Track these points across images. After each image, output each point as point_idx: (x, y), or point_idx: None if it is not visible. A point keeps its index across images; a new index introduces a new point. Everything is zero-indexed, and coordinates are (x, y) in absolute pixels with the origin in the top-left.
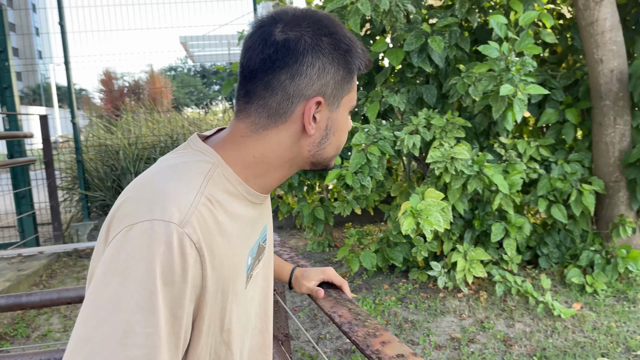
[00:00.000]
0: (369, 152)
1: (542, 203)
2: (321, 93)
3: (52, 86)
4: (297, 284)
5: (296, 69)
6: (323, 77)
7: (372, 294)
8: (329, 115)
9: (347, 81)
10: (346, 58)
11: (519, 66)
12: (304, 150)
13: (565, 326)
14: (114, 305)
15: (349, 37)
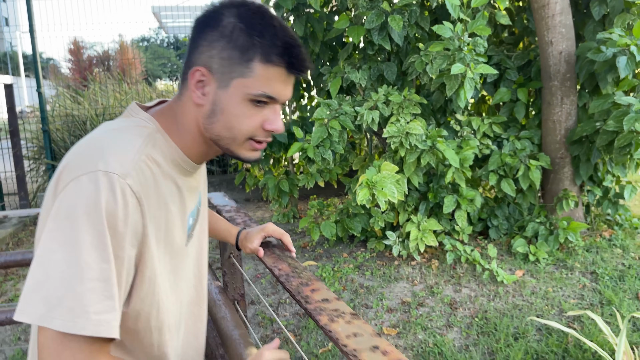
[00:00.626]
0: (330, 127)
1: (493, 177)
2: (206, 65)
3: (19, 55)
4: (242, 245)
5: (202, 41)
6: (209, 50)
7: (332, 262)
8: (216, 92)
9: (239, 63)
10: (248, 43)
11: (470, 46)
12: (199, 121)
13: (506, 291)
14: (69, 246)
15: (264, 24)
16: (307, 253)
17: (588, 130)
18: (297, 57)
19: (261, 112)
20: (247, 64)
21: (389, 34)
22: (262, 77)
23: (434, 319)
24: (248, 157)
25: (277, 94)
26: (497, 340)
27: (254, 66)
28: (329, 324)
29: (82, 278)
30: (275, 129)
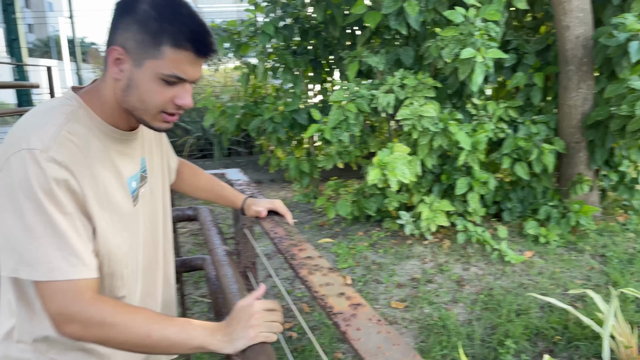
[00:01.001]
0: (347, 109)
1: (507, 160)
2: (123, 45)
3: (62, 39)
4: (248, 209)
5: (120, 24)
6: (125, 32)
7: (347, 240)
8: (132, 69)
9: (150, 46)
10: (159, 28)
11: (482, 31)
12: (117, 93)
13: (514, 270)
14: (13, 217)
15: (175, 10)
16: (324, 231)
17: (603, 115)
18: (203, 42)
19: (172, 89)
20: (158, 47)
21: (406, 19)
22: (171, 60)
23: (440, 295)
24: (159, 127)
25: (186, 75)
26: (500, 316)
27: (164, 49)
28: (307, 275)
29: (32, 237)
30: (184, 104)
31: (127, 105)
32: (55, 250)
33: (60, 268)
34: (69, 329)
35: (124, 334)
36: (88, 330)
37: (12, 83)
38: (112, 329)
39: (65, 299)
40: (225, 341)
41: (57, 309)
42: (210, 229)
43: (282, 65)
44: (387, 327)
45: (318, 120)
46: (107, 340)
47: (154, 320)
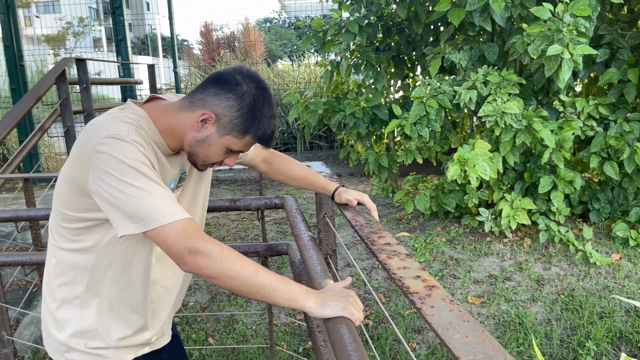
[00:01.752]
0: (428, 105)
1: (595, 159)
2: (217, 115)
3: (158, 37)
4: (338, 196)
5: (218, 92)
6: (225, 111)
7: (425, 235)
8: (213, 133)
9: (237, 131)
10: (250, 121)
11: (571, 27)
12: (189, 139)
13: (598, 272)
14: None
15: (266, 115)
16: (402, 225)
17: None
18: (270, 141)
19: (227, 155)
20: (243, 135)
21: (491, 16)
22: (245, 144)
23: (518, 293)
24: (201, 169)
25: (245, 152)
26: (581, 317)
27: (246, 137)
28: (386, 259)
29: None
30: (229, 164)
31: (190, 150)
32: (167, 201)
33: (177, 212)
34: (197, 261)
35: (237, 268)
36: (211, 261)
37: (121, 80)
38: (227, 261)
39: (188, 235)
40: (317, 304)
41: (184, 245)
42: (296, 216)
43: (365, 61)
44: (458, 306)
45: (399, 115)
46: (223, 272)
47: (258, 265)
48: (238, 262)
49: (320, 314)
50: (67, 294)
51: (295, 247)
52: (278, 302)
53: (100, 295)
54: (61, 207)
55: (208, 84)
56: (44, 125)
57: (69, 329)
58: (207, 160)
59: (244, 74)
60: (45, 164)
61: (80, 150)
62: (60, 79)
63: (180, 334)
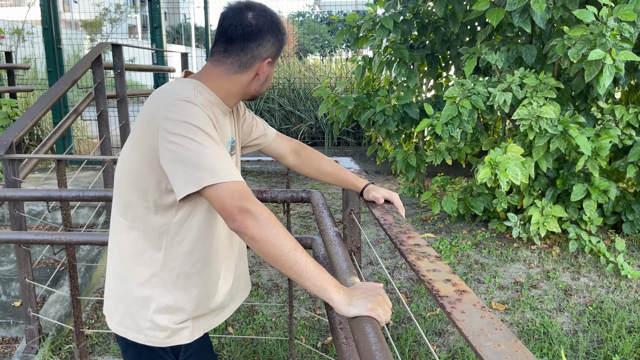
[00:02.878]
0: (461, 105)
1: (632, 169)
2: (270, 56)
3: (192, 27)
4: (367, 193)
5: (260, 42)
6: (272, 48)
7: (451, 237)
8: (269, 70)
9: (279, 53)
10: (281, 41)
11: (615, 31)
12: (252, 88)
13: (629, 286)
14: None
15: (283, 30)
16: (427, 226)
17: None
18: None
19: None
20: (280, 53)
21: (531, 17)
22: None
23: (544, 302)
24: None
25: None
26: (609, 331)
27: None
28: (415, 261)
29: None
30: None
31: (259, 93)
32: (227, 162)
33: (235, 174)
34: (245, 220)
35: (279, 237)
36: (258, 224)
37: (154, 67)
38: (272, 228)
39: (242, 196)
40: (345, 300)
41: (237, 203)
42: (322, 211)
43: (398, 59)
44: (490, 313)
45: (430, 115)
46: (266, 237)
47: (298, 244)
48: (281, 233)
49: (347, 312)
50: (144, 273)
51: (319, 242)
52: (307, 285)
53: (177, 271)
54: (133, 185)
55: (240, 42)
56: (78, 108)
57: (152, 307)
58: (269, 84)
59: (254, 11)
60: (77, 146)
61: (150, 115)
62: (96, 63)
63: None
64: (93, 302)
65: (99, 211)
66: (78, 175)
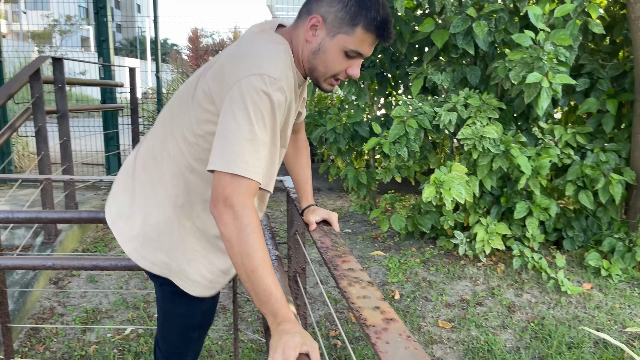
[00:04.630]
0: (408, 125)
1: (570, 188)
2: (323, 16)
3: (147, 40)
4: (306, 215)
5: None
6: (329, 8)
7: (400, 255)
8: (324, 37)
9: (346, 23)
10: (356, 8)
11: (551, 55)
12: (306, 54)
13: (569, 302)
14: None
15: (375, 4)
16: (377, 243)
17: None
18: (387, 31)
19: (349, 61)
20: (353, 27)
21: (474, 39)
22: (359, 39)
23: (489, 319)
24: (325, 88)
25: (364, 52)
26: (550, 347)
27: (357, 30)
28: (347, 287)
29: (253, 145)
30: (354, 75)
31: (309, 65)
32: (253, 155)
33: (250, 169)
34: (223, 213)
35: (246, 247)
36: (234, 223)
37: (100, 81)
38: (244, 236)
39: (237, 191)
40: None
41: (227, 194)
42: (264, 233)
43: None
44: (415, 344)
45: (378, 133)
46: (234, 241)
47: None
48: (253, 243)
49: (271, 343)
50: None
51: None
52: (257, 295)
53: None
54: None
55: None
56: (14, 123)
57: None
58: (328, 71)
59: None
60: (18, 162)
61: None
62: (34, 77)
63: (144, 346)
64: (27, 329)
65: (37, 231)
66: (17, 193)
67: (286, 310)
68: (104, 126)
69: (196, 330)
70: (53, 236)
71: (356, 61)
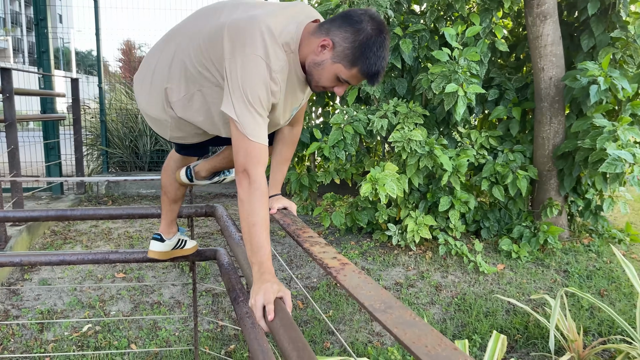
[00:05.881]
0: (345, 130)
1: (485, 183)
2: (334, 42)
3: (72, 51)
4: (270, 201)
5: (342, 27)
6: (341, 41)
7: (340, 248)
8: (327, 58)
9: (348, 60)
10: (359, 54)
11: (465, 69)
12: (309, 59)
13: (486, 279)
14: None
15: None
16: None
17: (571, 147)
18: (377, 79)
19: (338, 82)
20: (351, 66)
21: (401, 55)
22: (352, 75)
23: (420, 297)
24: (313, 90)
25: (353, 84)
26: (470, 316)
27: (354, 69)
28: (310, 247)
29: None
30: (338, 93)
31: (308, 70)
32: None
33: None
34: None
35: (252, 208)
36: (249, 188)
37: (43, 92)
38: (253, 198)
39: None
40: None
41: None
42: (226, 221)
43: None
44: (365, 275)
45: (319, 139)
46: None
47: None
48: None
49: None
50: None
51: (223, 252)
52: (251, 246)
53: None
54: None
55: (338, 18)
56: None
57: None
58: (319, 82)
59: (370, 15)
60: None
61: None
62: None
63: (102, 341)
64: None
65: None
66: None
67: (270, 263)
68: (44, 136)
69: None
70: (3, 242)
71: (344, 85)
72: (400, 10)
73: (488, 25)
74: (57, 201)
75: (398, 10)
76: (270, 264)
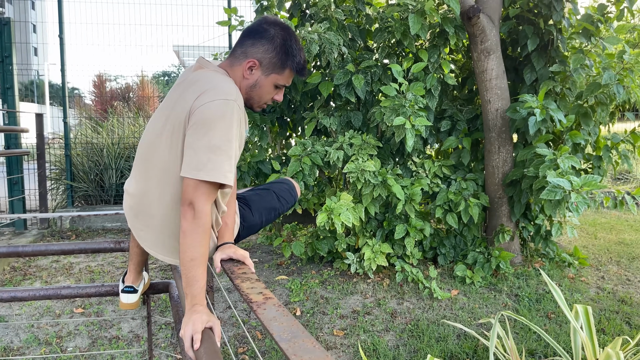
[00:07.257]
0: (303, 162)
1: (439, 211)
2: (259, 60)
3: (46, 85)
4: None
5: (255, 42)
6: (264, 55)
7: (301, 277)
8: (260, 76)
9: (277, 67)
10: (284, 56)
11: (412, 102)
12: (243, 87)
13: (440, 305)
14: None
15: (295, 48)
16: (281, 269)
17: (518, 175)
18: (305, 69)
19: (276, 91)
20: (283, 69)
21: (354, 89)
22: (287, 76)
23: (375, 325)
24: (256, 111)
25: (288, 84)
26: (422, 342)
27: (286, 71)
28: (240, 283)
29: (220, 154)
30: (278, 100)
31: (246, 96)
32: (227, 164)
33: (227, 176)
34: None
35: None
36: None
37: (6, 128)
38: (195, 234)
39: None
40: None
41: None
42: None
43: (252, 122)
44: (283, 308)
45: (278, 170)
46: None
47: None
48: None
49: (183, 320)
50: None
51: (174, 285)
52: (187, 278)
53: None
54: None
55: (243, 39)
56: None
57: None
58: (261, 100)
59: (268, 22)
60: None
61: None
62: None
63: None
64: None
65: None
66: None
67: (203, 297)
68: (7, 171)
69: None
70: None
71: (281, 90)
72: (354, 46)
73: (437, 60)
74: (19, 236)
75: (352, 47)
76: (204, 297)
